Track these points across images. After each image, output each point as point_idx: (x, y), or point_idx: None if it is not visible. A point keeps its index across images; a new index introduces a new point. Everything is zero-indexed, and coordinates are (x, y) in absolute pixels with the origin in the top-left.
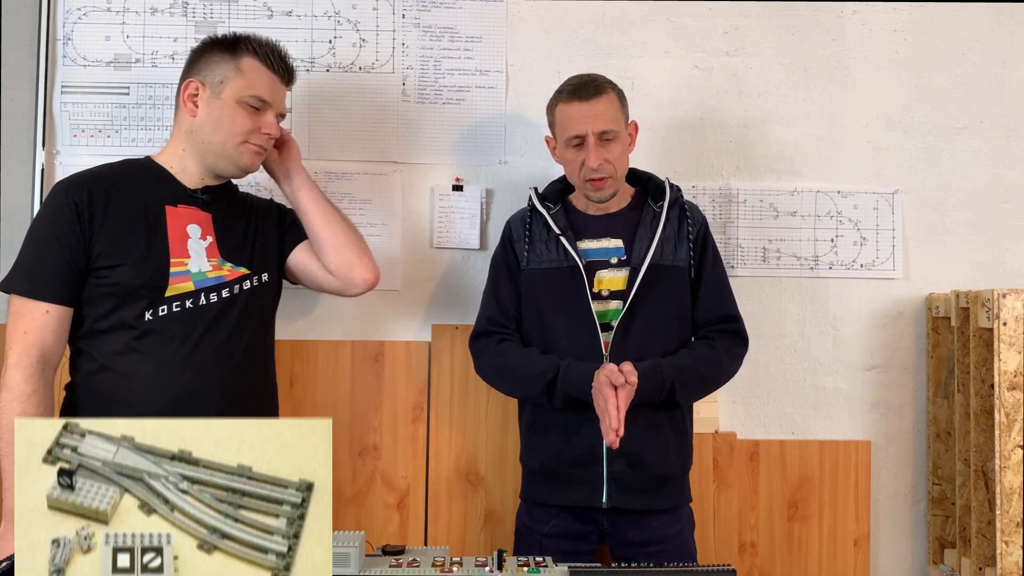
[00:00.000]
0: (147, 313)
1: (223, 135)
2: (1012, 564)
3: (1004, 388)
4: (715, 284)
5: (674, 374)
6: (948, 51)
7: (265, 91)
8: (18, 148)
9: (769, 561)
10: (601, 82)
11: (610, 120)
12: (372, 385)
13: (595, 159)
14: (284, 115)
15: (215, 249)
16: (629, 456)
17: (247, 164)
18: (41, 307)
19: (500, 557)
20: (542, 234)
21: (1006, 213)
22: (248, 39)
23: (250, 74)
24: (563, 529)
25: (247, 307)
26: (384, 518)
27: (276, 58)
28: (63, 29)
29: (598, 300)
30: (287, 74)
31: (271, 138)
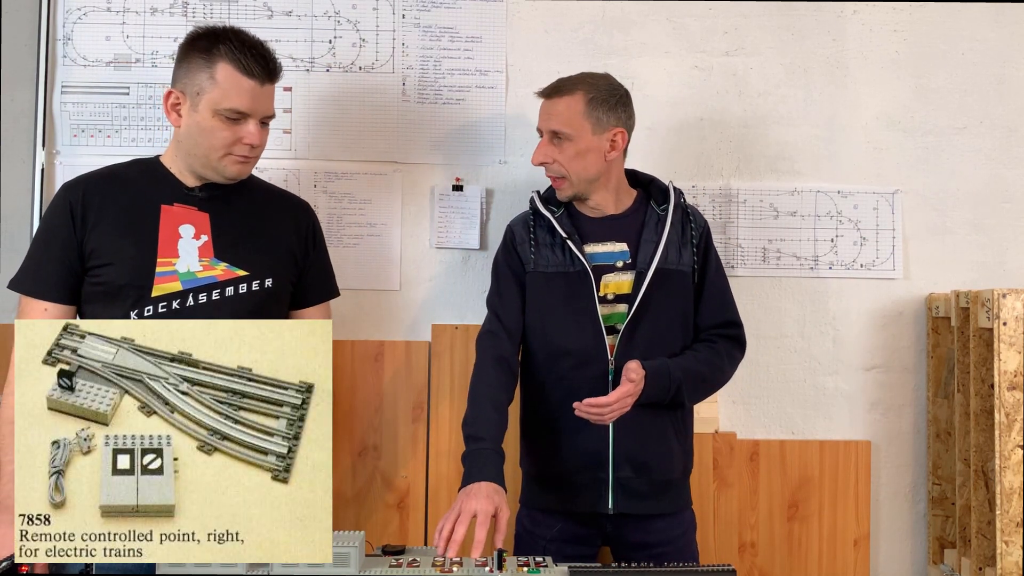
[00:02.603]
0: (132, 313)
1: (204, 148)
2: (1012, 564)
3: (1004, 388)
4: (718, 289)
5: (681, 375)
6: (948, 51)
7: (241, 102)
8: (18, 148)
9: (769, 561)
10: (573, 81)
11: (564, 121)
12: (372, 385)
13: (536, 156)
14: (270, 117)
15: (209, 249)
16: (635, 461)
17: (232, 175)
18: (41, 305)
19: (500, 557)
20: (546, 238)
21: (1006, 213)
22: (223, 40)
23: (224, 84)
24: (567, 533)
25: (242, 310)
26: (384, 518)
27: (253, 60)
28: (63, 29)
29: (604, 303)
30: (267, 74)
31: (254, 147)
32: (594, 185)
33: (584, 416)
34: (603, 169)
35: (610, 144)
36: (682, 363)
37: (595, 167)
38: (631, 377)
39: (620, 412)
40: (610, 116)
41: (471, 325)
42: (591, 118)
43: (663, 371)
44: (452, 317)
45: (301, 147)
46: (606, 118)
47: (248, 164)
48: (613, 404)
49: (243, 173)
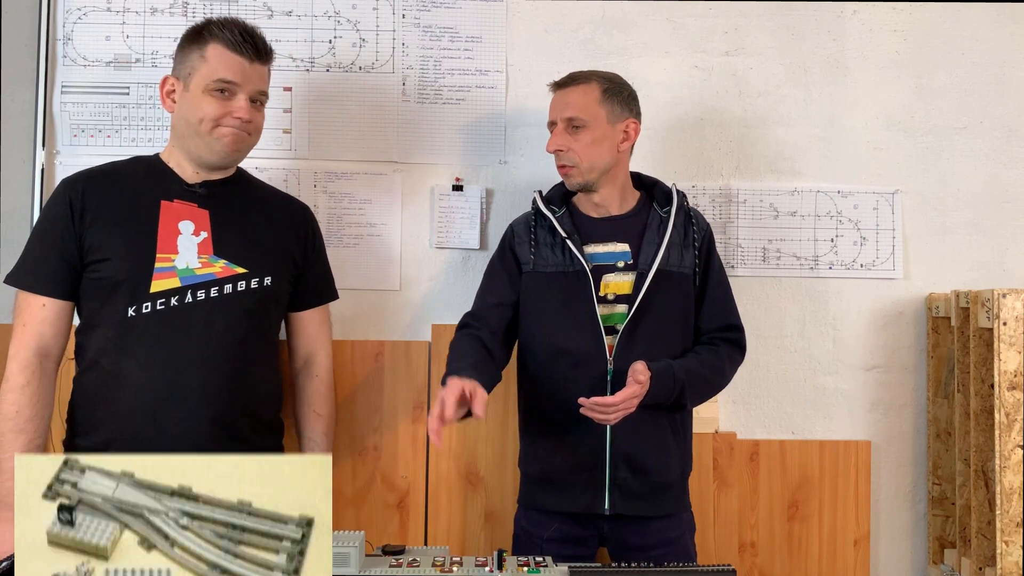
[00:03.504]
0: (130, 309)
1: (195, 124)
2: (1012, 564)
3: (1004, 388)
4: (720, 292)
5: (685, 377)
6: (948, 51)
7: (230, 72)
8: (18, 148)
9: (769, 561)
10: (586, 73)
11: (580, 108)
12: (372, 385)
13: (552, 143)
14: (262, 95)
15: (208, 245)
16: (632, 462)
17: (223, 150)
18: (39, 300)
19: (500, 557)
20: (547, 238)
21: (1006, 213)
22: (212, 25)
23: (213, 60)
24: (564, 534)
25: (241, 307)
26: (384, 518)
27: (241, 38)
28: (63, 29)
29: (604, 304)
30: (256, 51)
31: (244, 122)
32: (604, 177)
33: (588, 414)
34: (614, 160)
35: (623, 135)
36: (685, 365)
37: (608, 156)
38: (639, 379)
39: (625, 413)
40: (623, 108)
41: None
42: (606, 106)
43: (667, 373)
44: (452, 317)
45: (301, 147)
46: (620, 109)
47: (240, 141)
48: (619, 404)
49: (233, 149)
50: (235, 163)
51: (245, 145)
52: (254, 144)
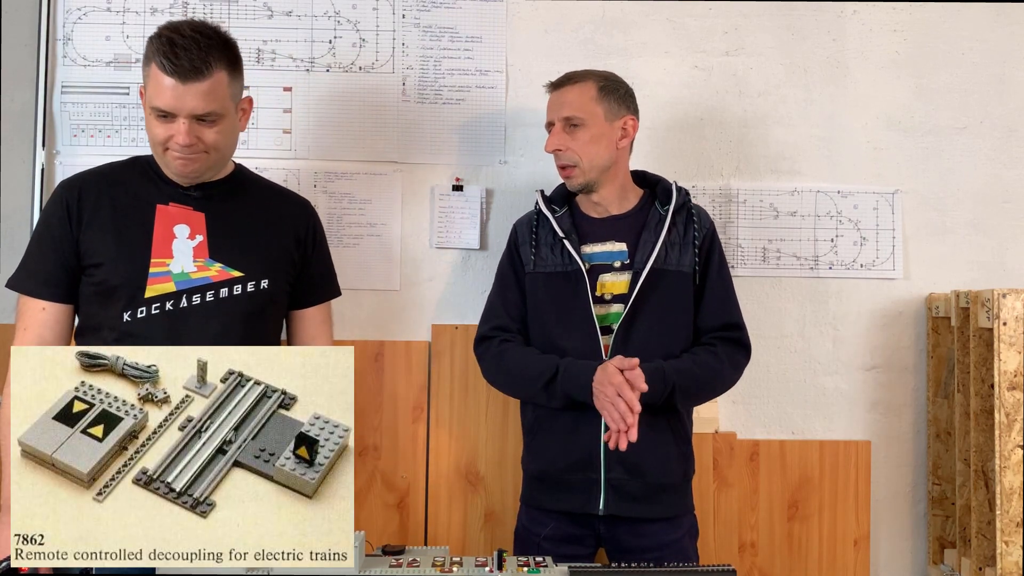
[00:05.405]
0: (125, 314)
1: (151, 144)
2: (1012, 564)
3: (1004, 388)
4: (720, 291)
5: (676, 378)
6: (948, 51)
7: (162, 100)
8: (18, 148)
9: (769, 561)
10: (581, 72)
11: (577, 107)
12: (372, 385)
13: (550, 143)
14: (207, 115)
15: (204, 249)
16: (628, 463)
17: (178, 171)
18: (39, 304)
19: (500, 557)
20: (548, 238)
21: (1006, 213)
22: (154, 39)
23: (152, 83)
24: (561, 533)
25: (238, 311)
26: (384, 518)
27: (175, 58)
28: (63, 29)
29: (600, 304)
30: (192, 72)
31: (184, 146)
32: (605, 175)
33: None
34: (614, 157)
35: (621, 131)
36: (678, 366)
37: (607, 154)
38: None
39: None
40: (620, 105)
41: (471, 325)
42: (603, 104)
43: (657, 373)
44: (452, 317)
45: (301, 147)
46: (617, 106)
47: (192, 163)
48: (635, 420)
49: (185, 172)
50: (199, 179)
51: (201, 165)
52: (218, 159)
